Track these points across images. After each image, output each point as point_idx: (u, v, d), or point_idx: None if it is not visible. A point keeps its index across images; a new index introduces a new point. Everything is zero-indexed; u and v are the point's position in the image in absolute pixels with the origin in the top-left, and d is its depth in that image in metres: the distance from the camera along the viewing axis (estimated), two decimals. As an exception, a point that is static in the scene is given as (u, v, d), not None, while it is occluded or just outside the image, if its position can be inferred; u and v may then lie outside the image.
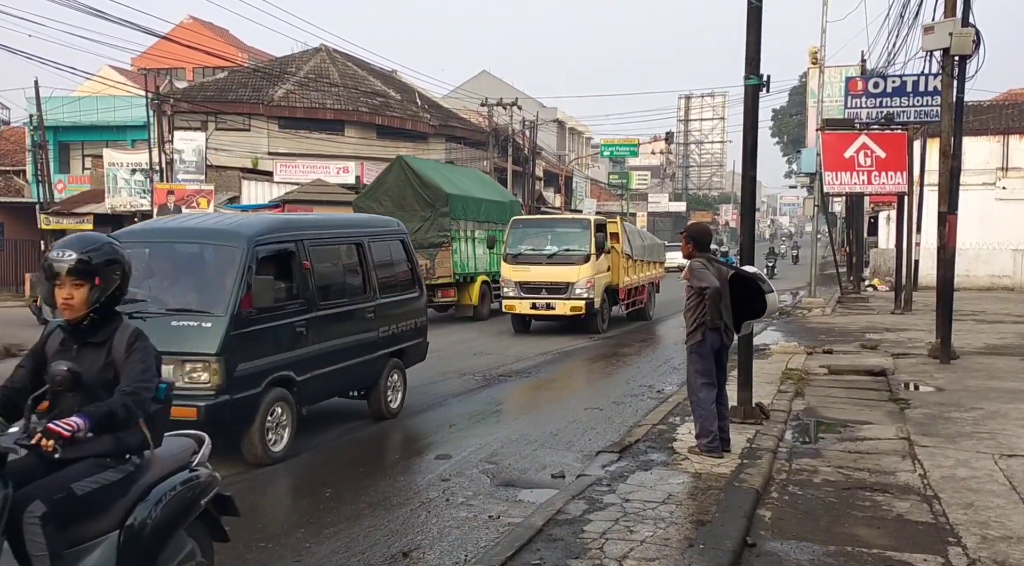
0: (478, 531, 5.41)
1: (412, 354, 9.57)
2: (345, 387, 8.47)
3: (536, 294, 16.51)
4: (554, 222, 17.85)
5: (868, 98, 19.29)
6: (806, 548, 4.93)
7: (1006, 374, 10.92)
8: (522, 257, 16.86)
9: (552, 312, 16.44)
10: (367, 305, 8.48)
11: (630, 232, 18.82)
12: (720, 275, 6.82)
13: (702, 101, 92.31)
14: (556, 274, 16.35)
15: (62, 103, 34.00)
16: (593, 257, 16.38)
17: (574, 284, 16.18)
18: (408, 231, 10.21)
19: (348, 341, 8.05)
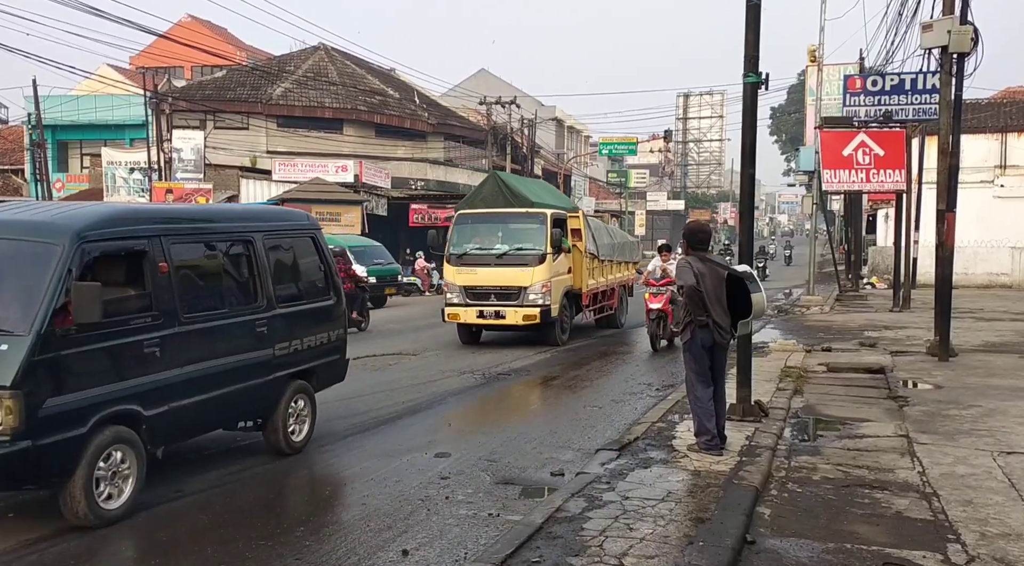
0: (478, 529, 5.42)
1: (324, 374, 7.98)
2: (224, 419, 6.94)
3: (483, 301, 14.23)
4: (505, 216, 15.10)
5: (866, 96, 19.28)
6: (805, 545, 4.94)
7: (1004, 372, 10.93)
8: (468, 258, 14.51)
9: (502, 322, 14.21)
10: (257, 317, 6.89)
11: (596, 229, 16.58)
12: (713, 274, 6.84)
13: (701, 99, 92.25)
14: (506, 277, 14.10)
15: (60, 102, 33.97)
16: (550, 257, 14.12)
17: (527, 289, 13.93)
18: (321, 225, 8.60)
19: (226, 362, 6.50)
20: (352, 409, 9.20)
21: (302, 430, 7.51)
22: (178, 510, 5.92)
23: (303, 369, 7.51)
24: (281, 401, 7.17)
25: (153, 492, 6.11)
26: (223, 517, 5.81)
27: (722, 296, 6.84)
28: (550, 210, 14.78)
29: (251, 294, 7.00)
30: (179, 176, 29.33)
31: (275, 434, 7.18)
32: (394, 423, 8.76)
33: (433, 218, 34.88)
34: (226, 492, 6.35)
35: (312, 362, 7.67)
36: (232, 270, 7.05)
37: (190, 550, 5.18)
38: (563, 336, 14.77)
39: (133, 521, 5.61)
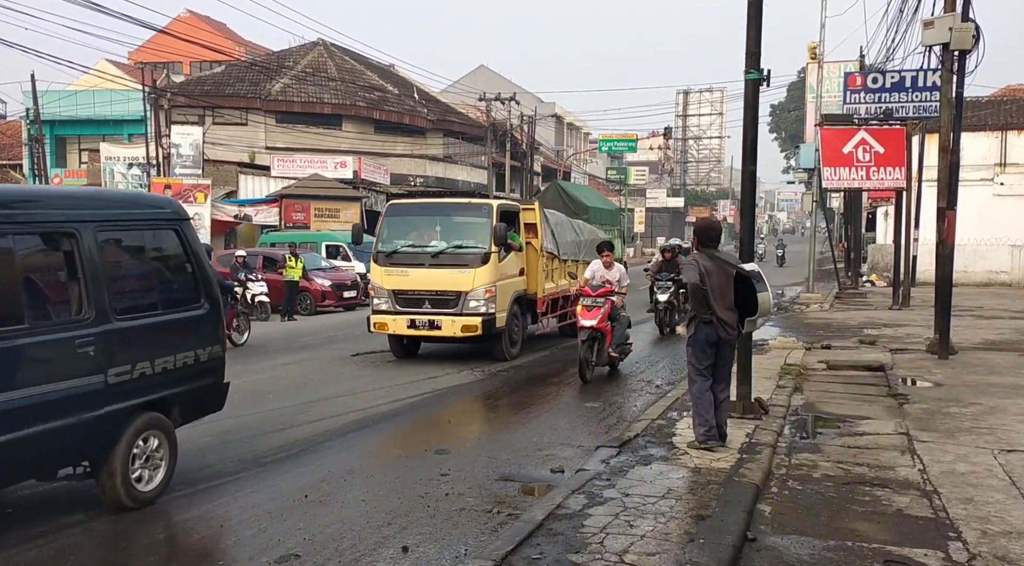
0: (478, 525, 5.40)
1: (191, 404, 6.35)
2: (30, 466, 5.32)
3: (416, 308, 12.10)
4: (444, 208, 13.35)
5: (867, 93, 19.26)
6: (806, 543, 4.93)
7: (1004, 369, 10.92)
8: (398, 257, 12.38)
9: (437, 333, 12.11)
10: (81, 333, 5.33)
11: (556, 224, 14.49)
12: (720, 271, 6.84)
13: (700, 96, 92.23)
14: (442, 280, 12.03)
15: (59, 97, 33.93)
16: (495, 256, 12.05)
17: (467, 294, 11.89)
18: (189, 215, 6.89)
19: (26, 395, 4.94)
20: (348, 406, 9.19)
21: (154, 477, 5.86)
22: (179, 508, 5.89)
23: (156, 398, 5.90)
24: (120, 441, 5.57)
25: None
26: (213, 519, 5.79)
27: (729, 293, 6.82)
28: (497, 201, 12.97)
29: (72, 303, 5.41)
30: (177, 172, 29.29)
31: (112, 481, 5.55)
32: (391, 419, 8.71)
33: (432, 214, 34.83)
34: (223, 491, 6.32)
35: (170, 389, 6.05)
36: (42, 272, 5.56)
37: (187, 549, 5.15)
38: (512, 349, 12.68)
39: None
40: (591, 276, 11.25)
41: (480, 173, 40.43)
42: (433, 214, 13.25)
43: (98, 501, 5.72)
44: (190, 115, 33.77)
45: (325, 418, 8.59)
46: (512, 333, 12.69)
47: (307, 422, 8.37)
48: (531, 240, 13.28)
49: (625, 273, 11.52)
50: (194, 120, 33.33)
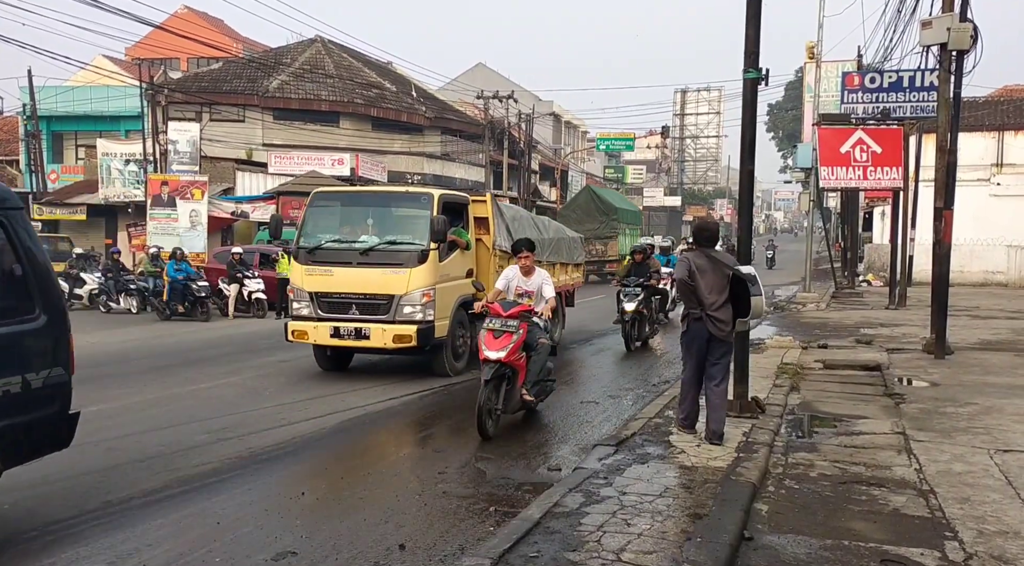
0: (475, 524, 5.40)
1: (19, 441, 5.08)
2: None
3: (341, 313, 10.53)
4: (376, 197, 11.84)
5: (864, 93, 19.30)
6: (803, 542, 4.94)
7: (1000, 369, 10.95)
8: (322, 254, 10.74)
9: (364, 343, 10.44)
10: None
11: (513, 219, 12.68)
12: (715, 270, 6.96)
13: (698, 95, 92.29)
14: (372, 282, 10.43)
15: (55, 92, 33.85)
16: (434, 254, 10.45)
17: (400, 298, 10.26)
18: (21, 204, 5.46)
19: None
20: (346, 403, 9.18)
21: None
22: (172, 510, 5.89)
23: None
24: None
25: (149, 484, 6.07)
26: (220, 512, 5.78)
27: (723, 292, 6.91)
28: (439, 191, 11.33)
29: None
30: (174, 168, 29.23)
31: None
32: (388, 417, 8.70)
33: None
34: (222, 485, 6.32)
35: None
36: None
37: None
38: (457, 364, 11.00)
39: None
40: (504, 287, 8.59)
41: (478, 171, 40.41)
42: (365, 205, 11.55)
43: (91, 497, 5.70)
44: (187, 111, 33.69)
45: (320, 416, 8.58)
46: (457, 344, 10.99)
47: (303, 420, 8.36)
48: (482, 236, 11.65)
49: (549, 280, 8.80)
50: (191, 116, 33.25)
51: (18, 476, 5.51)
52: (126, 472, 6.56)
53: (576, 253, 15.97)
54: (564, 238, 15.18)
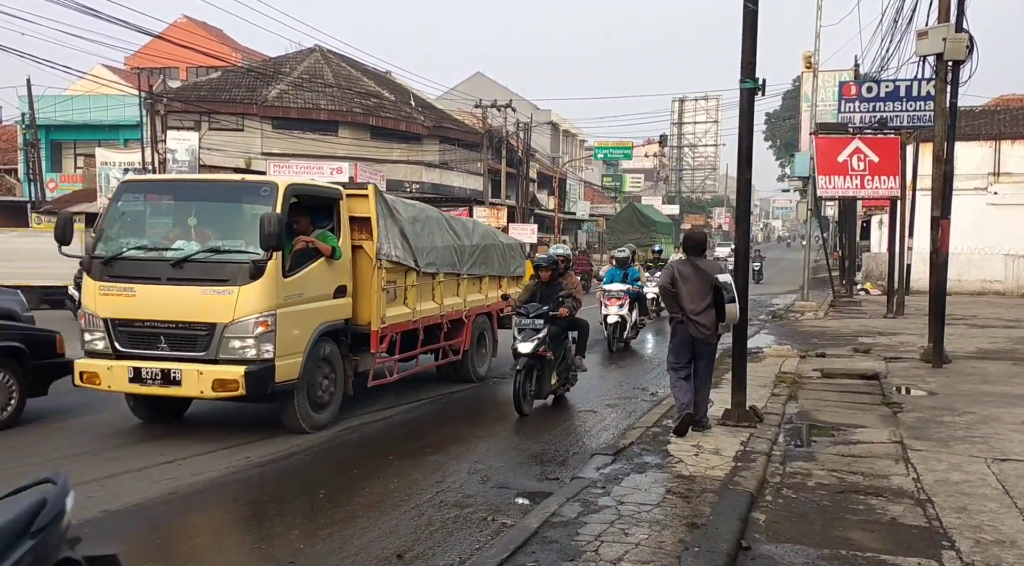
0: (472, 533, 5.40)
1: None
2: None
3: (146, 348, 7.68)
4: (202, 188, 9.00)
5: (861, 102, 19.32)
6: (800, 551, 4.94)
7: (998, 378, 10.96)
8: (121, 266, 7.89)
9: (175, 390, 7.59)
10: None
11: (414, 220, 9.78)
12: (698, 277, 7.47)
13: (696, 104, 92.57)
14: (187, 305, 7.59)
15: (54, 102, 33.91)
16: (275, 267, 7.61)
17: (225, 328, 7.48)
18: None
19: None
20: (344, 412, 9.18)
21: None
22: (172, 511, 5.88)
23: None
24: None
25: (146, 494, 6.09)
26: (217, 519, 5.78)
27: (705, 298, 7.40)
28: (287, 180, 8.52)
29: None
30: (173, 177, 29.25)
31: None
32: (388, 424, 8.69)
33: (428, 221, 34.87)
34: (220, 494, 6.31)
35: None
36: None
37: (182, 551, 5.15)
38: (319, 415, 8.24)
39: (128, 518, 5.57)
40: None
41: (476, 180, 40.46)
42: (187, 199, 8.63)
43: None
44: (186, 121, 33.75)
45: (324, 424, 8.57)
46: (317, 390, 8.19)
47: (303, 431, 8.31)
48: (364, 242, 8.89)
49: None
50: (190, 125, 33.31)
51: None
52: None
53: (514, 264, 12.94)
54: (495, 245, 12.23)
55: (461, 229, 11.25)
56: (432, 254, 10.08)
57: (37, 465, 6.71)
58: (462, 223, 11.70)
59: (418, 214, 10.08)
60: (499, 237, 13.03)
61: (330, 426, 8.37)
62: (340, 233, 8.60)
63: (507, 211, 38.28)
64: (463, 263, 11.00)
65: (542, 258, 9.94)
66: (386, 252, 8.96)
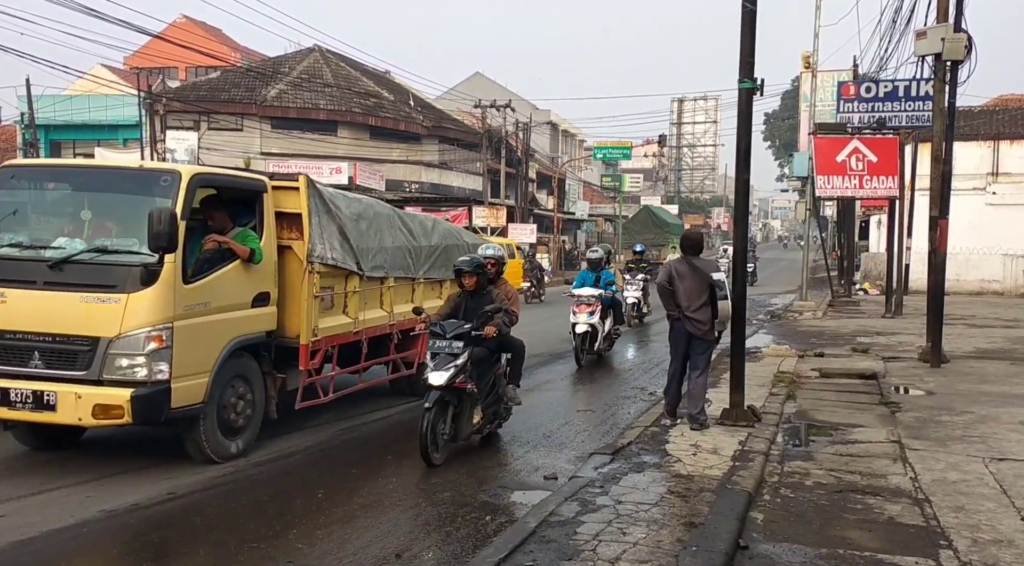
0: (471, 533, 5.41)
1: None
2: None
3: (16, 364, 6.51)
4: (95, 176, 7.55)
5: (860, 102, 19.35)
6: (798, 550, 4.95)
7: (996, 378, 10.97)
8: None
9: (49, 416, 6.40)
10: None
11: (357, 218, 8.55)
12: (694, 276, 7.81)
13: (695, 105, 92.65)
14: (65, 314, 6.46)
15: (54, 101, 33.90)
16: (172, 271, 6.49)
17: (110, 343, 6.34)
18: None
19: None
20: (344, 412, 9.19)
21: None
22: (170, 511, 5.89)
23: None
24: None
25: (145, 494, 6.09)
26: (215, 519, 5.78)
27: (701, 296, 7.73)
28: (193, 168, 7.44)
29: None
30: (172, 177, 29.26)
31: None
32: (387, 424, 8.70)
33: (427, 221, 34.88)
34: (218, 494, 6.32)
35: None
36: None
37: (182, 552, 5.16)
38: (232, 442, 7.12)
39: (125, 523, 5.58)
40: None
41: (475, 180, 40.46)
42: (79, 188, 7.29)
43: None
44: (185, 120, 33.76)
45: (316, 425, 8.58)
46: (229, 413, 7.06)
47: (302, 429, 8.34)
48: (293, 242, 7.70)
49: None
50: (189, 125, 33.33)
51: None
52: None
53: None
54: (459, 245, 10.65)
55: (418, 228, 9.89)
56: (380, 256, 8.80)
57: None
58: (419, 221, 10.34)
59: (363, 210, 8.66)
60: (463, 236, 11.43)
61: (249, 454, 7.21)
62: (265, 231, 7.40)
63: (506, 211, 38.30)
64: (419, 266, 9.70)
65: (464, 261, 7.82)
66: (320, 254, 7.68)
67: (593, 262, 13.55)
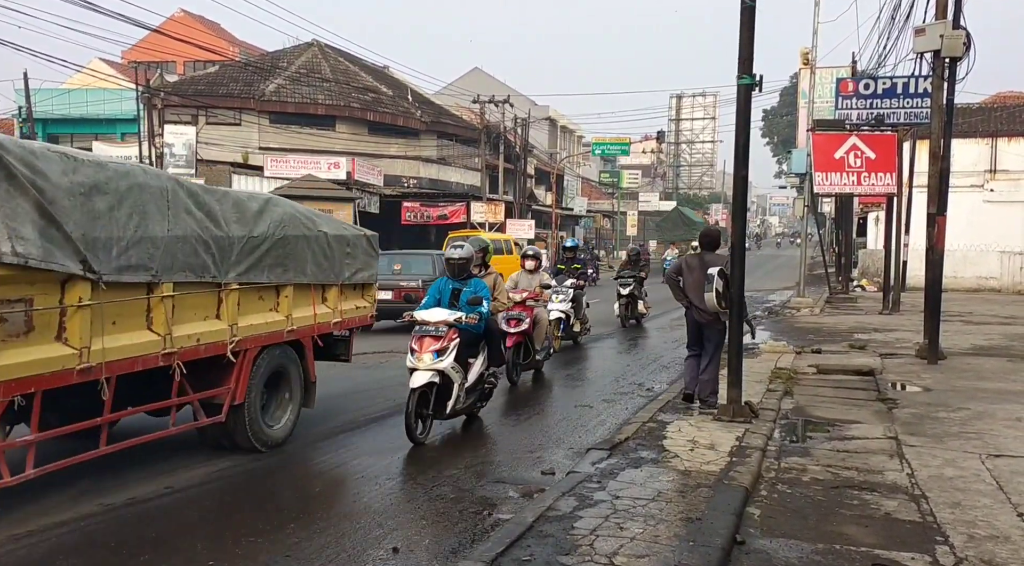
0: (469, 527, 5.41)
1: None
2: None
3: None
4: None
5: (859, 99, 19.35)
6: (795, 546, 4.96)
7: (993, 375, 11.00)
8: None
9: None
10: None
11: (76, 189, 5.26)
12: (702, 268, 8.37)
13: (693, 101, 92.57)
14: None
15: (51, 95, 33.85)
16: None
17: None
18: None
19: None
20: (343, 407, 9.18)
21: None
22: (167, 506, 5.89)
23: None
24: None
25: (142, 488, 6.10)
26: (213, 513, 5.79)
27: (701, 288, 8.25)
28: None
29: None
30: (171, 171, 29.21)
31: None
32: (384, 421, 8.73)
33: (426, 216, 34.93)
34: (216, 488, 6.32)
35: None
36: None
37: (179, 546, 5.16)
38: None
39: (122, 517, 5.58)
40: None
41: (473, 175, 40.46)
42: None
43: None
44: (183, 115, 33.71)
45: (317, 419, 8.58)
46: None
47: (298, 423, 8.32)
48: None
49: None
50: (187, 120, 33.28)
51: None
52: None
53: (353, 266, 8.52)
54: (312, 237, 7.78)
55: (228, 211, 6.76)
56: (138, 249, 5.82)
57: None
58: (233, 200, 6.92)
59: (103, 180, 5.55)
60: (322, 225, 8.08)
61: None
62: None
63: (505, 207, 38.30)
64: (227, 264, 6.67)
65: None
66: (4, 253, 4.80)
67: (456, 264, 8.29)
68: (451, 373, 7.64)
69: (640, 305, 17.71)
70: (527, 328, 10.64)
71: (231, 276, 6.74)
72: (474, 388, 8.15)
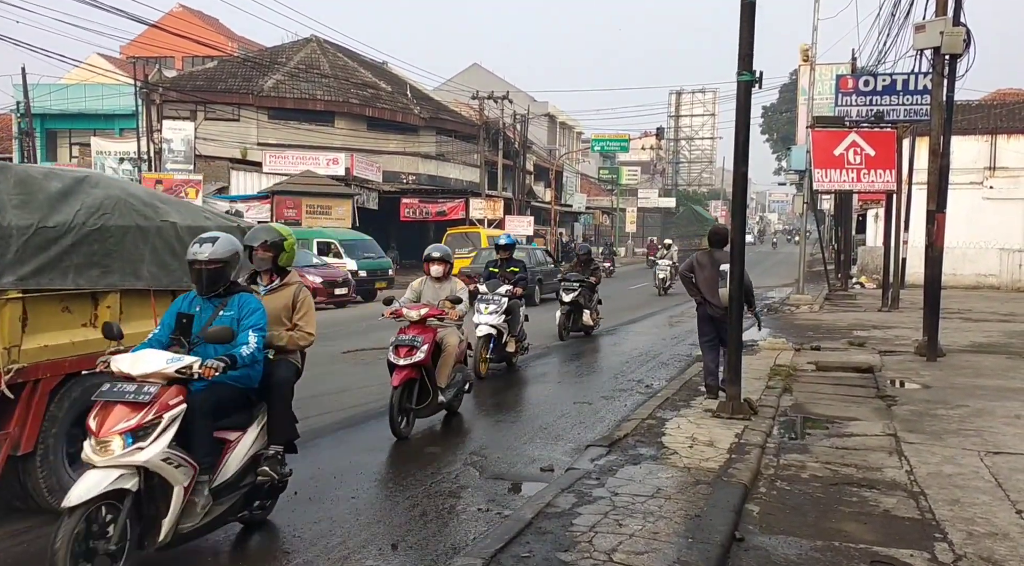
0: (467, 524, 5.41)
1: None
2: None
3: None
4: None
5: (858, 96, 19.32)
6: (794, 543, 4.96)
7: (992, 372, 11.00)
8: None
9: None
10: None
11: None
12: (713, 266, 8.68)
13: (693, 97, 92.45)
14: None
15: (49, 90, 33.79)
16: None
17: None
18: None
19: None
20: (338, 403, 9.18)
21: None
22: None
23: None
24: None
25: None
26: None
27: (718, 284, 8.47)
28: None
29: None
30: (169, 167, 29.22)
31: None
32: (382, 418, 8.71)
33: (424, 212, 34.91)
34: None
35: None
36: None
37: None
38: None
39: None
40: None
41: (472, 171, 40.43)
42: None
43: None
44: (182, 110, 33.67)
45: (314, 416, 8.58)
46: None
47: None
48: None
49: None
50: (186, 115, 33.23)
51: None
52: None
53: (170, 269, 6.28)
54: (150, 228, 6.09)
55: (10, 189, 5.16)
56: None
57: None
58: (18, 176, 5.31)
59: None
60: (169, 213, 6.35)
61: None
62: None
63: (504, 203, 38.28)
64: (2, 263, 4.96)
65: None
66: None
67: (206, 272, 4.87)
68: (165, 469, 4.25)
69: (586, 315, 14.61)
70: (423, 359, 7.60)
71: (6, 280, 4.95)
72: (231, 488, 4.80)
